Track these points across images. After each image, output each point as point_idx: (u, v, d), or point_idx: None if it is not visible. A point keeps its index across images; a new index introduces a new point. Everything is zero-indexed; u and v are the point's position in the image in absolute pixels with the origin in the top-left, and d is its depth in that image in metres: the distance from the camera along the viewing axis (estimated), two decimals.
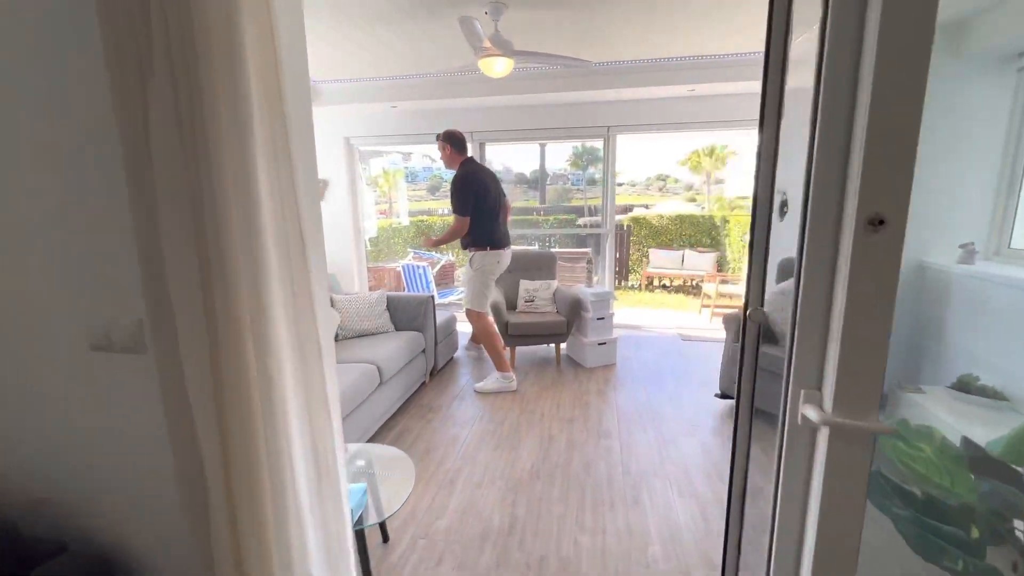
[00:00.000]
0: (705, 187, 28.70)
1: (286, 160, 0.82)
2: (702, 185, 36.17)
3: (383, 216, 18.62)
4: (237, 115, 0.74)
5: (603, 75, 4.16)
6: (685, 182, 42.32)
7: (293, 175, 0.84)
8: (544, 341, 3.90)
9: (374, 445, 1.97)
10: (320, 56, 3.80)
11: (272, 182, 0.81)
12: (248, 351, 0.80)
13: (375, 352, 2.92)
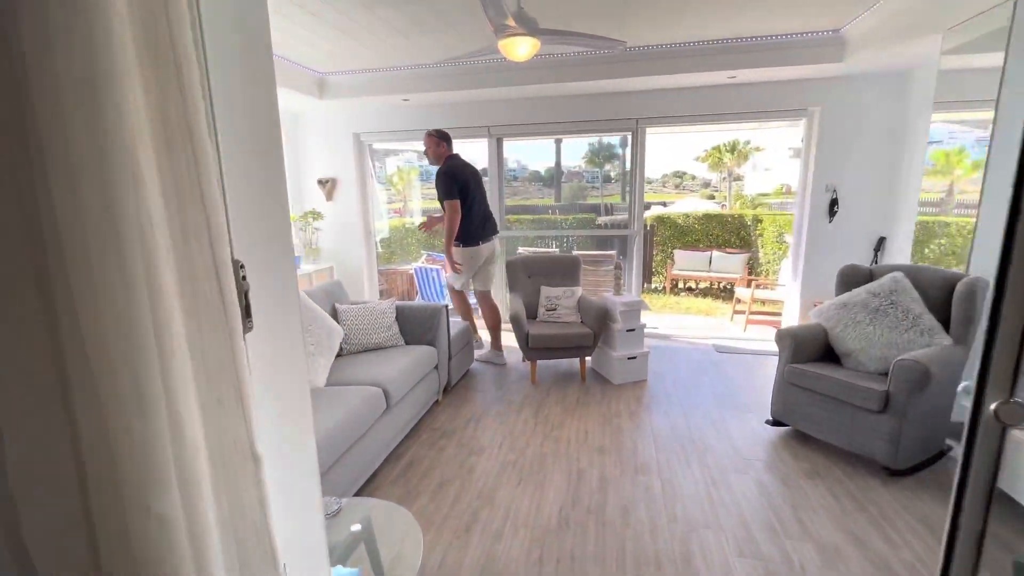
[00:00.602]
0: (724, 184, 28.03)
1: (185, 137, 0.48)
2: (721, 182, 35.55)
3: (396, 215, 18.45)
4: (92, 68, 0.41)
5: (632, 62, 3.78)
6: (702, 179, 41.62)
7: (197, 156, 0.49)
8: (568, 355, 3.55)
9: (366, 500, 1.64)
10: (327, 45, 3.49)
11: (166, 172, 0.47)
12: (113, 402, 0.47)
13: (382, 371, 2.61)
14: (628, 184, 4.68)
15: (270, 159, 0.79)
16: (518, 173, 30.97)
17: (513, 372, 3.82)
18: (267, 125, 0.77)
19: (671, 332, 4.85)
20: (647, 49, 3.69)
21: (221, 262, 0.48)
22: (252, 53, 0.72)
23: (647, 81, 3.96)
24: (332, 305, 3.06)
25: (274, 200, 0.78)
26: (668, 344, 4.48)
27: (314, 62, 3.89)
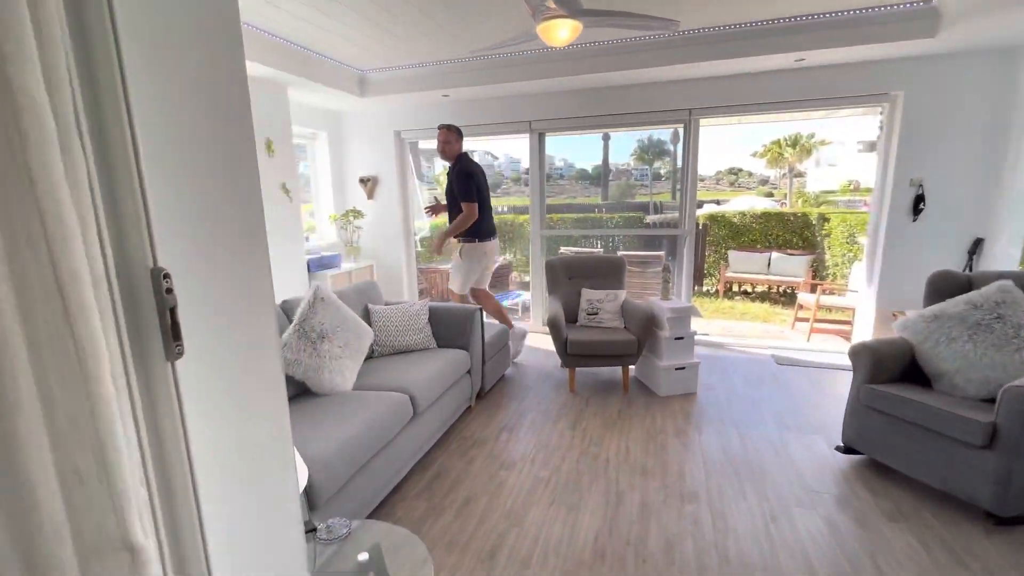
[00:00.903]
0: (784, 181, 26.45)
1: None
2: (780, 179, 33.65)
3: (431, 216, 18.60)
4: None
5: (686, 47, 3.48)
6: (759, 176, 39.63)
7: (24, 131, 0.35)
8: (609, 363, 3.31)
9: (377, 525, 1.50)
10: (366, 41, 3.43)
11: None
12: None
13: (410, 376, 2.49)
14: (679, 181, 4.36)
15: (228, 144, 0.65)
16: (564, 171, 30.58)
17: (550, 379, 3.63)
18: (221, 102, 0.64)
19: (724, 340, 4.49)
20: (703, 32, 3.39)
21: (69, 277, 0.34)
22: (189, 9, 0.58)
23: (702, 68, 3.64)
24: (365, 306, 3.00)
25: (228, 193, 0.64)
26: (721, 353, 4.14)
27: (354, 59, 3.86)
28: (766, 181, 35.66)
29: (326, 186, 4.99)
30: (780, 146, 19.63)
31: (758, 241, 7.67)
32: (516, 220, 8.80)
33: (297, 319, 2.29)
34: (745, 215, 7.72)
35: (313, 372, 2.24)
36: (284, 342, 2.22)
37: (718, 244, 7.79)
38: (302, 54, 3.58)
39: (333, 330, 2.38)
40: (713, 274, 7.73)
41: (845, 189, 22.21)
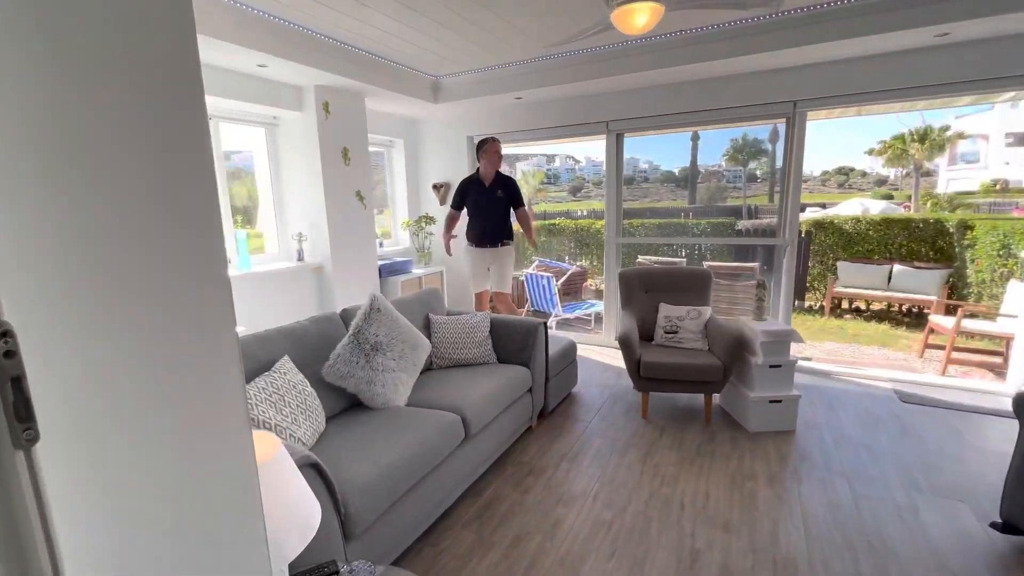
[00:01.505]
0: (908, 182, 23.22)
1: None
2: (902, 179, 29.56)
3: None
4: None
5: (790, 28, 3.01)
6: (874, 175, 35.12)
7: None
8: (689, 389, 2.94)
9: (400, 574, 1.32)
10: (439, 47, 3.39)
11: None
12: None
13: (464, 394, 2.35)
14: (779, 183, 3.83)
15: (133, 140, 0.51)
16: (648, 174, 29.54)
17: (621, 401, 3.32)
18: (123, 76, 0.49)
19: (832, 367, 3.85)
20: (811, 9, 2.90)
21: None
22: None
23: (810, 52, 3.14)
24: (426, 316, 2.91)
25: (135, 207, 0.49)
26: (827, 384, 3.54)
27: (428, 66, 3.85)
28: (884, 181, 31.50)
29: (402, 192, 5.07)
30: (904, 141, 17.16)
31: (875, 251, 6.65)
32: (593, 226, 8.46)
33: (352, 330, 2.24)
34: (860, 221, 6.73)
35: (365, 385, 2.18)
36: (337, 353, 2.17)
37: (824, 254, 6.87)
38: (378, 63, 3.62)
39: (388, 342, 2.31)
40: (818, 288, 6.83)
41: (988, 189, 18.89)
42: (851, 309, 6.46)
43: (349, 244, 3.92)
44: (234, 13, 2.61)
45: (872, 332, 5.54)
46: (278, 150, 3.80)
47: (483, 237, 3.96)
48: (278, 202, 3.86)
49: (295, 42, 2.99)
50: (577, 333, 5.01)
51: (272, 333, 2.09)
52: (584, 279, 6.68)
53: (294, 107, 3.59)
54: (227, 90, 3.15)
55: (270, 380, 1.83)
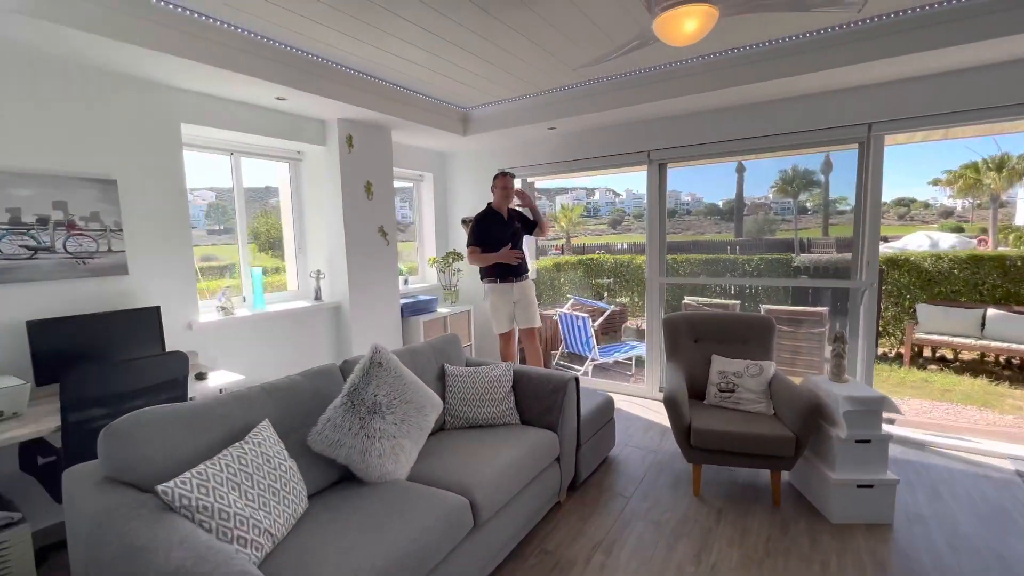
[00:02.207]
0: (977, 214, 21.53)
1: None
2: (972, 210, 27.49)
3: (556, 252, 18.36)
4: None
5: (864, 40, 2.60)
6: (939, 206, 32.74)
7: None
8: (753, 464, 2.42)
9: None
10: (468, 77, 3.20)
11: None
12: None
13: (476, 468, 1.96)
14: (857, 213, 3.32)
15: None
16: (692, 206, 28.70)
17: (667, 471, 2.82)
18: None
19: (927, 436, 3.19)
20: (888, 19, 2.49)
21: None
22: None
23: (890, 66, 2.70)
24: (441, 366, 2.58)
25: None
26: (924, 458, 2.90)
27: (457, 97, 3.67)
28: (950, 213, 29.21)
29: (430, 227, 4.87)
30: (977, 170, 15.78)
31: (962, 293, 5.83)
32: (633, 261, 8.01)
33: (346, 389, 1.93)
34: (941, 258, 5.96)
35: (359, 456, 1.84)
36: (327, 417, 1.86)
37: (899, 294, 6.10)
38: (404, 95, 3.47)
39: (389, 403, 1.98)
40: (893, 333, 6.04)
41: None
42: (935, 358, 5.63)
43: (370, 282, 3.70)
44: (247, 44, 2.50)
45: (967, 387, 4.73)
46: (301, 185, 3.68)
47: (508, 271, 3.66)
48: (299, 238, 3.71)
49: (316, 74, 2.86)
50: (615, 381, 4.54)
51: (256, 392, 1.81)
52: (623, 319, 6.20)
53: (317, 141, 3.47)
54: (247, 125, 3.04)
55: (239, 453, 1.53)
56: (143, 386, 2.03)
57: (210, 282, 3.77)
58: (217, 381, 2.50)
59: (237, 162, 3.25)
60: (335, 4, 2.24)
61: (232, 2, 2.17)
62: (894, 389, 4.80)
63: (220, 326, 2.95)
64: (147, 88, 2.56)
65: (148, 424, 1.47)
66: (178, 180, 2.72)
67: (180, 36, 2.24)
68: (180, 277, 2.74)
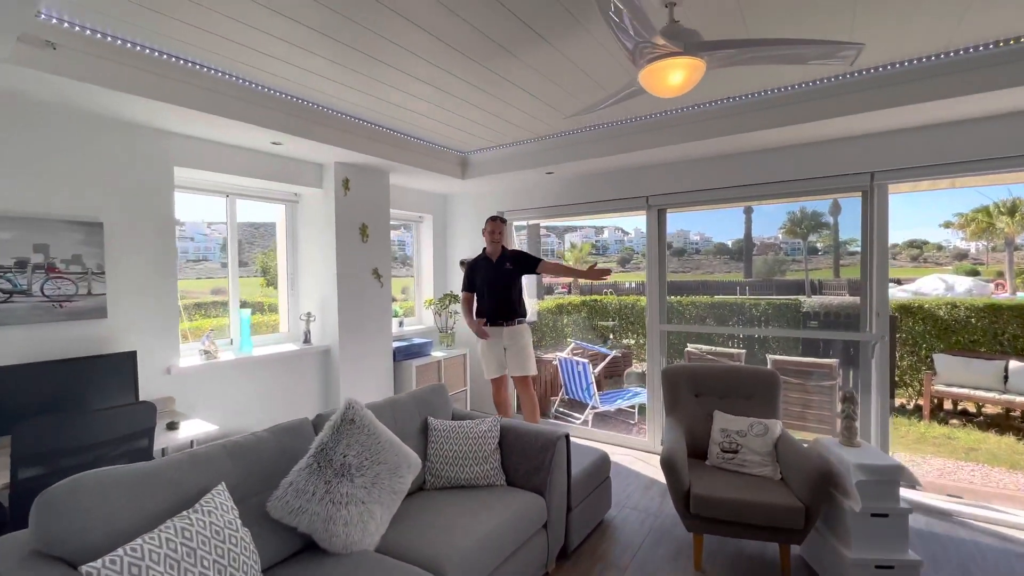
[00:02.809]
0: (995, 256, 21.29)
1: None
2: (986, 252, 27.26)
3: (563, 291, 18.24)
4: None
5: (868, 90, 2.56)
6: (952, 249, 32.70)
7: None
8: (759, 536, 2.21)
9: None
10: (467, 124, 3.22)
11: None
12: None
13: (453, 538, 1.80)
14: (863, 263, 3.20)
15: None
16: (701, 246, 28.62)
17: (668, 539, 2.60)
18: None
19: (951, 504, 2.94)
20: (890, 69, 2.46)
21: None
22: None
23: (893, 116, 2.65)
24: (424, 420, 2.44)
25: None
26: (949, 530, 2.65)
27: (456, 143, 3.69)
28: (964, 255, 28.87)
29: (428, 269, 4.82)
30: (990, 215, 15.64)
31: (981, 342, 5.59)
32: (639, 303, 7.86)
33: (313, 449, 1.80)
34: (957, 307, 5.75)
35: (321, 524, 1.69)
36: (290, 481, 1.73)
37: (915, 343, 5.87)
38: (403, 140, 3.50)
39: (360, 464, 1.84)
40: (910, 384, 5.77)
41: None
42: (956, 412, 5.34)
43: (361, 325, 3.61)
44: (242, 92, 2.52)
45: (993, 446, 4.43)
46: (297, 226, 3.67)
47: (495, 314, 3.58)
48: (293, 279, 3.66)
49: (313, 120, 2.89)
50: (616, 432, 4.33)
51: (215, 451, 1.69)
52: (626, 365, 6.02)
53: (314, 184, 3.48)
54: (242, 168, 3.06)
55: (184, 524, 1.40)
56: (104, 439, 1.93)
57: (199, 322, 3.72)
58: (190, 431, 2.38)
59: (232, 204, 3.25)
60: (337, 59, 2.27)
61: (228, 53, 2.20)
62: (914, 445, 4.52)
63: (201, 371, 2.86)
64: (139, 132, 2.58)
65: (88, 490, 1.36)
66: (168, 222, 2.71)
67: (173, 84, 2.26)
68: (162, 320, 2.68)
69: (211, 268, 4.18)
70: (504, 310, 3.59)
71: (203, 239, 7.60)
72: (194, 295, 6.12)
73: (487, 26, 2.01)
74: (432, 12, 1.90)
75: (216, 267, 3.87)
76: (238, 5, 1.82)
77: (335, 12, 1.89)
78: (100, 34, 2.00)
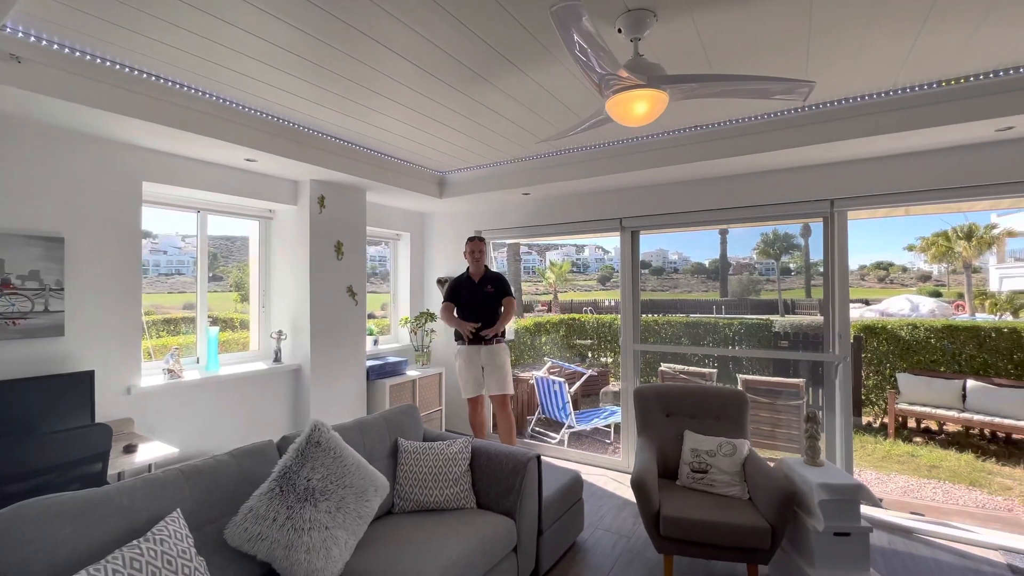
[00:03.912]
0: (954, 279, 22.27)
1: None
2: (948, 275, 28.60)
3: (543, 309, 18.29)
4: None
5: (826, 122, 2.70)
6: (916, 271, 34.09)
7: None
8: (726, 556, 2.23)
9: None
10: (443, 145, 3.26)
11: None
12: None
13: (419, 567, 1.76)
14: (826, 286, 3.32)
15: None
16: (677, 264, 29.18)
17: (639, 561, 2.59)
18: None
19: (913, 522, 3.01)
20: (848, 103, 2.60)
21: None
22: None
23: (848, 147, 2.80)
24: (394, 441, 2.41)
25: None
26: (910, 548, 2.71)
27: (431, 162, 3.73)
28: (927, 277, 30.20)
29: (404, 287, 4.80)
30: (949, 239, 16.41)
31: (941, 362, 5.81)
32: (615, 322, 7.95)
33: (276, 473, 1.76)
34: (918, 327, 5.98)
35: (282, 551, 1.64)
36: (249, 507, 1.68)
37: (879, 362, 6.07)
38: (380, 159, 3.52)
39: (324, 488, 1.80)
40: (875, 402, 5.94)
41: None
42: (920, 430, 5.50)
43: (334, 343, 3.56)
44: (215, 108, 2.52)
45: (953, 463, 4.58)
46: (270, 243, 3.63)
47: (474, 334, 3.58)
48: (264, 297, 3.60)
49: (288, 137, 2.88)
50: (591, 452, 4.32)
51: (171, 476, 1.64)
52: (603, 383, 6.05)
53: (288, 201, 3.46)
54: (214, 184, 3.03)
55: (133, 555, 1.34)
56: (55, 464, 1.85)
57: (164, 339, 3.61)
58: (149, 455, 2.29)
59: (204, 219, 3.21)
60: (311, 79, 2.29)
61: (200, 70, 2.20)
62: (879, 464, 4.63)
63: (164, 391, 2.77)
64: (106, 146, 2.54)
65: (29, 519, 1.29)
66: (134, 238, 2.65)
67: (142, 99, 2.24)
68: (124, 338, 2.60)
69: (184, 282, 4.09)
70: (483, 329, 3.60)
71: (176, 252, 7.40)
72: (165, 310, 5.94)
73: (461, 54, 2.07)
74: (406, 39, 1.94)
75: (190, 281, 3.79)
76: (208, 24, 1.83)
77: (308, 35, 1.91)
78: (68, 48, 1.98)
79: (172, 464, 1.86)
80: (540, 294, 21.16)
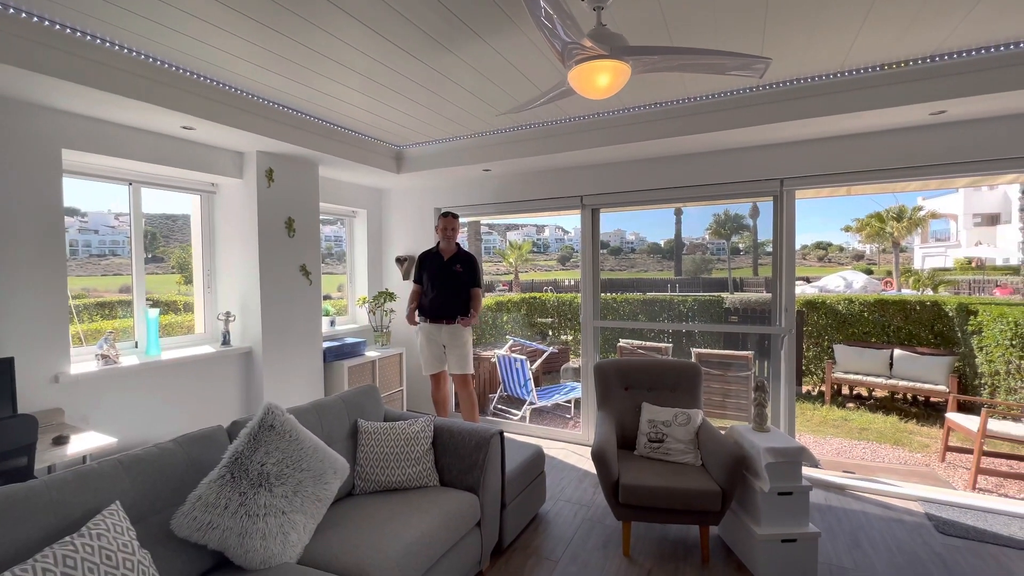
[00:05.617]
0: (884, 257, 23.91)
1: None
2: (879, 254, 30.74)
3: (504, 289, 18.32)
4: None
5: (777, 102, 2.78)
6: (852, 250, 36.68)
7: None
8: (681, 519, 2.34)
9: None
10: (400, 117, 3.11)
11: None
12: None
13: (383, 543, 1.74)
14: (774, 262, 3.47)
15: None
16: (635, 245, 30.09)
17: (598, 528, 2.68)
18: None
19: (846, 479, 3.27)
20: (799, 83, 2.68)
21: None
22: None
23: (797, 128, 2.90)
24: (354, 422, 2.35)
25: None
26: (844, 503, 2.95)
27: (388, 135, 3.58)
28: (861, 256, 32.53)
29: (362, 266, 4.65)
30: (882, 220, 17.61)
31: (872, 334, 6.27)
32: (575, 300, 8.08)
33: (226, 459, 1.67)
34: (853, 301, 6.41)
35: (235, 539, 1.57)
36: (198, 495, 1.59)
37: (819, 335, 6.48)
38: (332, 130, 3.34)
39: (280, 472, 1.74)
40: (815, 372, 6.36)
41: (963, 267, 19.27)
42: (852, 396, 5.95)
43: (288, 324, 3.41)
44: (146, 69, 2.29)
45: (880, 426, 4.99)
46: (214, 219, 3.40)
47: (438, 311, 3.54)
48: (209, 276, 3.39)
49: (231, 104, 2.68)
50: (553, 427, 4.41)
51: (108, 467, 1.52)
52: (563, 360, 6.15)
53: (233, 174, 3.24)
54: (148, 154, 2.78)
55: (66, 552, 1.24)
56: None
57: (98, 324, 3.35)
58: (82, 446, 2.13)
59: (136, 193, 2.95)
60: (259, 41, 2.11)
61: (128, 26, 1.98)
62: (817, 428, 4.98)
63: (98, 378, 2.57)
64: (15, 107, 2.26)
65: None
66: (55, 212, 2.40)
67: (58, 55, 2.01)
68: (48, 322, 2.38)
69: (120, 263, 3.79)
70: (448, 308, 3.55)
71: (110, 232, 6.83)
72: (99, 293, 5.48)
73: (422, 20, 1.96)
74: (364, 1, 1.82)
75: (125, 262, 3.51)
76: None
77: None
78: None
79: (110, 455, 1.74)
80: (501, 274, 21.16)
